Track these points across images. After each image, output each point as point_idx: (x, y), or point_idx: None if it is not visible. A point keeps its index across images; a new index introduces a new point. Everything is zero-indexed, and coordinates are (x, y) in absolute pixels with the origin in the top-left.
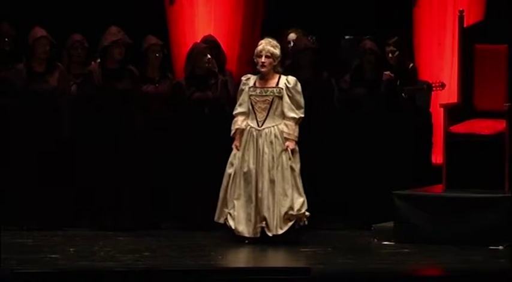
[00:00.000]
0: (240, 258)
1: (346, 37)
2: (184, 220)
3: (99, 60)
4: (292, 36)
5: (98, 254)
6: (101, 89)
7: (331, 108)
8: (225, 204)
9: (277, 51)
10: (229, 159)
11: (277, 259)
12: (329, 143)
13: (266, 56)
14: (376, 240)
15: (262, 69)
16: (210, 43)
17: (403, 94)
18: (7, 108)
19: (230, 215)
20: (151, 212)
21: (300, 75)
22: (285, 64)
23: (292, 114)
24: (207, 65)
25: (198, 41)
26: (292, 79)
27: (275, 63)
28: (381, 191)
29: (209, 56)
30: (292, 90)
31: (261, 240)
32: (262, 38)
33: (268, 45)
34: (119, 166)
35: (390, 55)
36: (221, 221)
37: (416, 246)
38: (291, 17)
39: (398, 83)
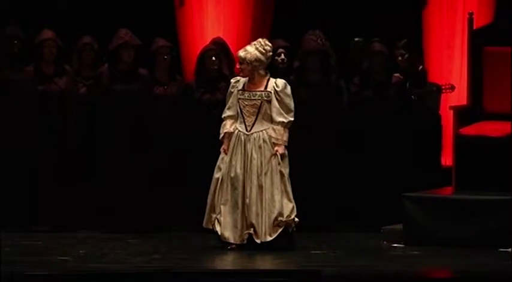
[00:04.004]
0: (250, 261)
1: (356, 39)
2: (195, 222)
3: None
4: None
5: (107, 256)
6: (110, 91)
7: (340, 111)
8: (212, 209)
9: (248, 56)
10: (217, 163)
11: (287, 261)
12: (338, 146)
13: (240, 63)
14: (385, 242)
15: (241, 75)
16: (218, 45)
17: (412, 96)
18: (16, 110)
19: (217, 220)
20: (161, 214)
21: (308, 77)
22: (294, 66)
23: (280, 119)
24: (214, 67)
25: (208, 43)
26: (280, 82)
27: (249, 68)
28: (391, 193)
29: (214, 58)
30: (281, 94)
31: (248, 247)
32: (271, 40)
33: (240, 52)
34: (128, 168)
35: (400, 58)
36: (209, 226)
37: (425, 249)
38: (300, 19)
39: (407, 85)
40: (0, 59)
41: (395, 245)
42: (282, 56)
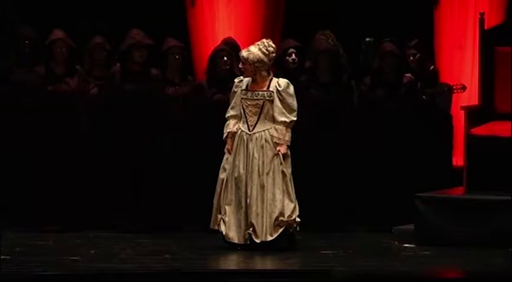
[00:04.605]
0: (260, 261)
1: (367, 39)
2: (206, 222)
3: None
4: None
5: (118, 256)
6: (121, 91)
7: (351, 111)
8: (218, 210)
9: (251, 56)
10: (222, 164)
11: (297, 262)
12: (349, 146)
13: (242, 62)
14: (396, 242)
15: (243, 75)
16: (229, 45)
17: (423, 96)
18: (27, 110)
19: (223, 220)
20: (172, 214)
21: (320, 77)
22: (305, 66)
23: (282, 118)
24: (226, 67)
25: (219, 44)
26: (283, 82)
27: (251, 68)
28: (402, 193)
29: (226, 58)
30: (283, 93)
31: (252, 247)
32: (282, 40)
33: (243, 52)
34: (140, 168)
35: (411, 58)
36: (215, 227)
37: (437, 249)
38: (311, 19)
39: (419, 85)
40: (11, 59)
41: (406, 245)
42: (293, 56)
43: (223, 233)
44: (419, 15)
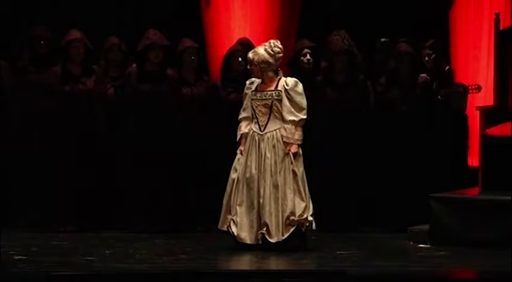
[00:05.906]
0: (275, 261)
1: (382, 40)
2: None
3: (134, 64)
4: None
5: (133, 256)
6: (138, 92)
7: (366, 111)
8: (228, 210)
9: (256, 57)
10: (233, 164)
11: (312, 262)
12: (364, 146)
13: (249, 64)
14: (411, 243)
15: (252, 76)
16: (244, 46)
17: (439, 97)
18: (43, 110)
19: (233, 221)
20: (188, 214)
21: (335, 78)
22: (321, 66)
23: (291, 117)
24: (241, 68)
25: (234, 44)
26: (291, 80)
27: (257, 69)
28: (417, 193)
29: (240, 59)
30: (291, 92)
31: (264, 247)
32: (298, 41)
33: (249, 53)
34: (155, 168)
35: (426, 58)
36: (224, 228)
37: (452, 249)
38: (326, 20)
39: (434, 85)
40: (25, 59)
41: (421, 245)
42: (308, 56)
43: (235, 233)
44: (435, 16)
